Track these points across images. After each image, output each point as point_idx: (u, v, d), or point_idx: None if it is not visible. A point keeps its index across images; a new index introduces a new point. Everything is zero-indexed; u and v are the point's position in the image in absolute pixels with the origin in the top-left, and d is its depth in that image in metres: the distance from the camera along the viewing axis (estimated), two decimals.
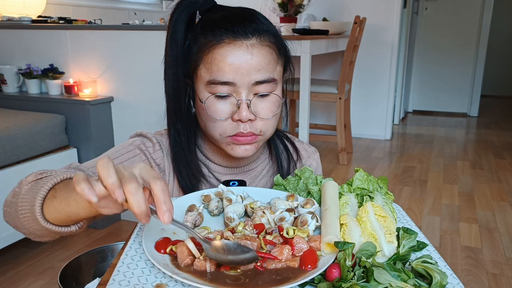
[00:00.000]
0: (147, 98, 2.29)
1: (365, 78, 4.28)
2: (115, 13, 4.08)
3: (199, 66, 0.81)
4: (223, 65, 0.78)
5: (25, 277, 1.95)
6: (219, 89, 0.79)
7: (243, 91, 0.79)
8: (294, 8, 3.27)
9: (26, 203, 0.69)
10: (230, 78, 0.78)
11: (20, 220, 0.71)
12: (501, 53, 6.65)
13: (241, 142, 0.83)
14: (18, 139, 2.01)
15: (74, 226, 0.70)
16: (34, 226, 0.69)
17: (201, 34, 0.82)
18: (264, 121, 0.83)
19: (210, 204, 0.78)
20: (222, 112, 0.81)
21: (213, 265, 0.60)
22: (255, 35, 0.79)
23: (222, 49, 0.78)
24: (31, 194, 0.69)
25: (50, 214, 0.68)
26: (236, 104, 0.80)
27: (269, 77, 0.81)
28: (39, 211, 0.67)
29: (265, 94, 0.82)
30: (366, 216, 0.69)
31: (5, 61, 2.53)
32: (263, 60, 0.80)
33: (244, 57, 0.78)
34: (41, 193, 0.68)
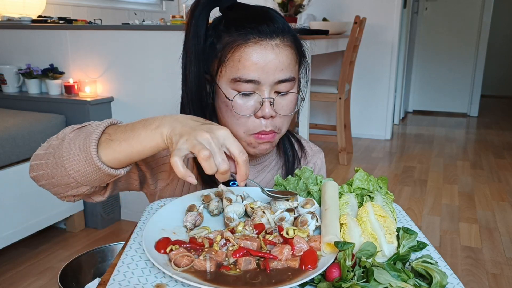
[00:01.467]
0: (147, 98, 2.30)
1: (365, 78, 4.28)
2: (115, 13, 4.08)
3: (224, 64, 0.83)
4: (249, 63, 0.80)
5: (25, 277, 1.95)
6: (244, 87, 0.82)
7: (266, 89, 0.82)
8: (294, 8, 3.27)
9: (75, 148, 0.71)
10: (255, 76, 0.81)
11: (60, 168, 0.71)
12: (501, 53, 6.65)
13: (263, 140, 0.86)
14: (18, 139, 2.01)
15: (123, 169, 0.74)
16: (84, 168, 0.70)
17: (225, 32, 0.84)
18: (283, 118, 0.87)
19: (210, 204, 0.78)
20: (246, 109, 0.83)
21: (213, 265, 0.60)
22: (279, 35, 0.82)
23: (249, 48, 0.81)
24: (80, 138, 0.71)
25: (106, 156, 0.70)
26: (260, 101, 0.83)
27: (290, 76, 0.84)
28: (95, 150, 0.69)
29: (285, 92, 0.85)
30: (366, 216, 0.69)
31: (5, 61, 2.53)
32: (286, 59, 0.83)
33: (269, 56, 0.81)
34: (95, 135, 0.70)
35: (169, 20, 2.77)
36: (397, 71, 4.31)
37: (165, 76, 2.21)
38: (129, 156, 0.71)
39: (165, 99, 2.18)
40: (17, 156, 2.02)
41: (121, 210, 2.53)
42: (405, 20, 4.67)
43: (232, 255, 0.62)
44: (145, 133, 0.68)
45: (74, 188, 0.74)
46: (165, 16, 4.21)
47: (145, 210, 0.82)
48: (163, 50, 2.20)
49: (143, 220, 0.78)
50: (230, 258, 0.62)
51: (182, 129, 0.66)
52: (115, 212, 2.49)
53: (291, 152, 1.03)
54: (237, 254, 0.62)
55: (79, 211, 2.36)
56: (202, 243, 0.65)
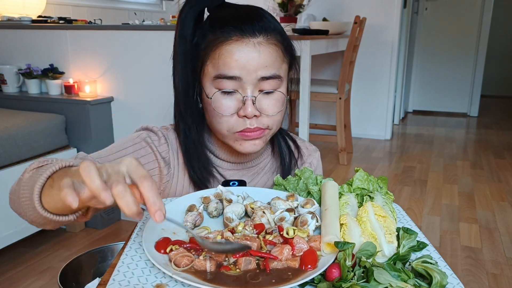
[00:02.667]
0: (147, 98, 2.30)
1: (365, 78, 4.28)
2: (115, 13, 4.08)
3: (207, 62, 0.83)
4: (229, 60, 0.80)
5: (25, 277, 1.95)
6: (225, 84, 0.81)
7: (248, 87, 0.81)
8: (294, 8, 3.27)
9: (27, 191, 0.70)
10: (237, 73, 0.80)
11: (23, 208, 0.71)
12: (501, 53, 6.65)
13: (249, 137, 0.85)
14: (18, 139, 2.01)
15: (71, 215, 0.69)
16: (34, 214, 0.69)
17: (209, 31, 0.83)
18: (270, 117, 0.85)
19: (209, 206, 0.78)
20: (228, 107, 0.82)
21: (213, 265, 0.60)
22: (262, 33, 0.81)
23: (230, 46, 0.80)
24: (31, 182, 0.69)
25: (47, 203, 0.67)
26: (242, 100, 0.82)
27: (274, 74, 0.82)
28: (38, 199, 0.67)
29: (270, 91, 0.83)
30: (366, 216, 0.69)
31: (5, 61, 2.53)
32: (269, 57, 0.81)
33: (251, 54, 0.80)
34: (40, 182, 0.67)
35: (169, 20, 2.77)
36: (397, 71, 4.30)
37: (165, 76, 2.20)
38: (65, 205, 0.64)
39: (165, 99, 2.18)
40: (17, 156, 2.01)
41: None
42: (405, 20, 4.67)
43: (232, 255, 0.62)
44: None
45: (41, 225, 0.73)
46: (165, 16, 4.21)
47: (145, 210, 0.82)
48: (163, 50, 2.20)
49: (143, 220, 0.78)
50: (230, 258, 0.62)
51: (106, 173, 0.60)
52: (115, 212, 2.49)
53: (287, 153, 1.02)
54: (237, 254, 0.62)
55: None
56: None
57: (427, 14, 5.56)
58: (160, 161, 0.89)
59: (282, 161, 1.01)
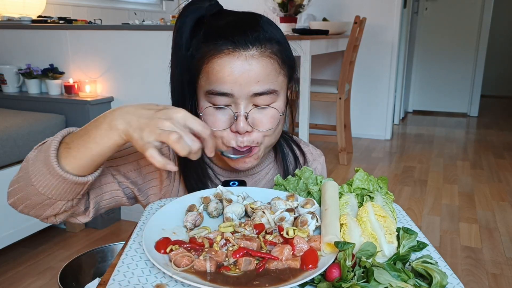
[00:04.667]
0: (147, 98, 2.29)
1: (365, 78, 4.28)
2: (115, 13, 4.08)
3: (200, 75, 0.81)
4: (221, 75, 0.76)
5: (25, 277, 1.95)
6: (218, 100, 0.78)
7: (241, 102, 0.78)
8: (294, 8, 3.27)
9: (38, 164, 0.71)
10: (228, 89, 0.77)
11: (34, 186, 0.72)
12: (501, 53, 6.65)
13: (239, 154, 0.82)
14: (18, 139, 2.01)
15: (90, 175, 0.74)
16: (50, 182, 0.71)
17: (203, 42, 0.80)
18: (262, 132, 0.81)
19: (209, 206, 0.78)
20: (220, 122, 0.80)
21: (213, 265, 0.60)
22: (255, 45, 0.77)
23: (221, 59, 0.77)
24: (41, 154, 0.72)
25: (69, 165, 0.71)
26: (234, 115, 0.79)
27: (268, 89, 0.78)
28: (55, 160, 0.70)
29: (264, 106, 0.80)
30: (366, 216, 0.69)
31: (5, 61, 2.53)
32: (263, 71, 0.77)
33: (242, 68, 0.76)
34: (53, 146, 0.71)
35: (169, 20, 2.77)
36: (397, 71, 4.30)
37: (165, 76, 2.20)
38: (91, 159, 0.71)
39: (165, 99, 2.18)
40: (17, 156, 2.01)
41: (121, 210, 2.53)
42: (405, 20, 4.67)
43: (232, 255, 0.62)
44: (100, 134, 0.69)
45: (50, 205, 0.74)
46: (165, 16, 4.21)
47: (145, 210, 0.82)
48: (163, 50, 2.19)
49: (143, 220, 0.78)
50: (230, 258, 0.62)
51: (139, 122, 0.66)
52: (115, 212, 2.49)
53: (292, 159, 0.99)
54: (237, 255, 0.62)
55: None
56: (202, 243, 0.65)
57: (427, 14, 5.56)
58: None
59: (285, 168, 0.98)
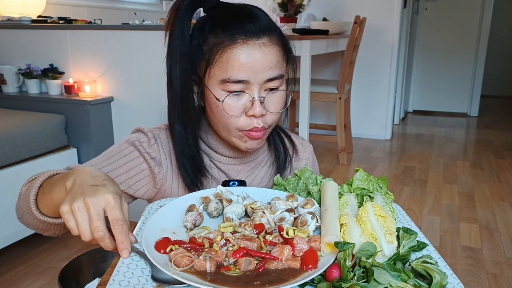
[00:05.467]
0: (147, 98, 2.29)
1: (365, 78, 4.28)
2: (115, 13, 4.08)
3: (212, 65, 0.83)
4: (237, 64, 0.81)
5: (25, 277, 1.95)
6: (233, 87, 0.82)
7: (255, 88, 0.83)
8: (294, 8, 3.27)
9: (24, 203, 0.81)
10: (245, 76, 0.81)
11: (27, 218, 0.82)
12: (501, 53, 6.65)
13: (254, 136, 0.87)
14: (18, 139, 2.01)
15: None
16: (35, 221, 0.80)
17: (211, 33, 0.84)
18: (273, 115, 0.88)
19: (209, 206, 0.78)
20: (237, 109, 0.84)
21: (213, 265, 0.60)
22: (265, 34, 0.83)
23: (236, 49, 0.81)
24: (27, 193, 0.81)
25: (42, 208, 0.78)
26: (250, 101, 0.84)
27: (279, 74, 0.85)
28: (34, 206, 0.78)
29: (274, 89, 0.86)
30: (366, 216, 0.69)
31: (5, 61, 2.53)
32: (274, 58, 0.83)
33: (257, 56, 0.81)
34: (33, 191, 0.78)
35: None
36: (397, 71, 4.30)
37: (165, 76, 2.21)
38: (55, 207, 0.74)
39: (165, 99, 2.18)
40: (17, 156, 2.01)
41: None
42: (405, 20, 4.66)
43: (232, 255, 0.62)
44: (59, 186, 0.72)
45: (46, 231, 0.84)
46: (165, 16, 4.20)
47: (145, 210, 0.82)
48: (163, 50, 2.19)
49: (143, 220, 0.78)
50: (230, 258, 0.62)
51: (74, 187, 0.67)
52: None
53: (282, 148, 1.04)
54: (237, 255, 0.62)
55: None
56: (202, 243, 0.65)
57: (427, 14, 5.56)
58: (150, 161, 0.91)
59: (277, 156, 1.03)
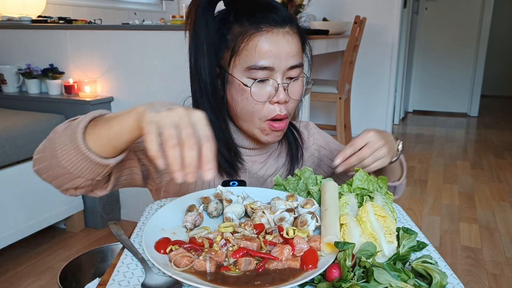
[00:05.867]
0: (147, 98, 2.29)
1: (365, 78, 4.28)
2: (115, 13, 4.08)
3: (238, 53, 0.86)
4: (263, 51, 0.84)
5: (25, 277, 1.95)
6: (259, 74, 0.85)
7: (279, 76, 0.86)
8: (294, 8, 3.27)
9: (65, 137, 0.73)
10: (270, 63, 0.84)
11: (58, 158, 0.73)
12: (501, 53, 6.65)
13: (276, 128, 0.89)
14: (18, 139, 2.01)
15: (113, 159, 0.74)
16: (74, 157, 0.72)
17: (235, 23, 0.87)
18: (294, 103, 0.91)
19: (209, 206, 0.78)
20: (262, 95, 0.87)
21: (213, 266, 0.60)
22: (288, 23, 0.86)
23: (262, 37, 0.84)
24: (71, 128, 0.74)
25: (91, 141, 0.72)
26: (275, 87, 0.86)
27: (300, 62, 0.89)
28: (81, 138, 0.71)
29: (296, 77, 0.89)
30: (366, 216, 0.69)
31: (5, 61, 2.53)
32: (296, 46, 0.87)
33: (281, 43, 0.85)
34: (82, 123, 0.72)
35: (169, 20, 2.77)
36: (397, 71, 4.30)
37: (165, 76, 2.21)
38: (110, 138, 0.71)
39: (165, 99, 2.18)
40: (17, 156, 2.01)
41: (121, 210, 2.53)
42: (405, 20, 4.66)
43: (232, 256, 0.62)
44: (123, 114, 0.70)
45: (70, 180, 0.75)
46: (165, 16, 4.20)
47: (145, 210, 0.82)
48: (163, 50, 2.20)
49: (143, 220, 0.78)
50: (230, 258, 0.62)
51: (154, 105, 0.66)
52: (115, 212, 2.49)
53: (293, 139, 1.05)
54: (237, 255, 0.62)
55: (79, 211, 2.36)
56: (202, 243, 0.65)
57: (427, 14, 5.55)
58: None
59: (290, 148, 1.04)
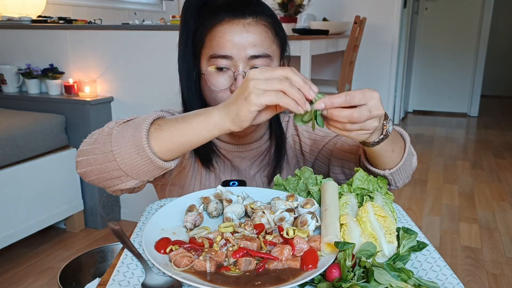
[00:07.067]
0: (147, 98, 2.29)
1: (365, 78, 4.27)
2: (115, 13, 4.08)
3: (204, 45, 0.90)
4: (222, 40, 0.87)
5: (25, 277, 1.95)
6: (219, 62, 0.88)
7: (240, 65, 0.87)
8: (294, 8, 3.27)
9: (125, 141, 0.71)
10: (228, 52, 0.87)
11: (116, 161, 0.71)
12: (501, 53, 6.64)
13: None
14: (18, 139, 2.01)
15: (173, 161, 0.74)
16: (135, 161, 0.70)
17: (206, 17, 0.91)
18: None
19: (209, 206, 0.78)
20: (221, 83, 0.88)
21: (213, 266, 0.60)
22: (252, 15, 0.88)
23: (222, 27, 0.87)
24: (130, 131, 0.71)
25: (157, 146, 0.70)
26: (233, 76, 0.88)
27: (263, 53, 0.88)
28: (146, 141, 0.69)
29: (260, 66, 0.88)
30: (366, 216, 0.69)
31: (5, 61, 2.53)
32: (258, 37, 0.88)
33: (240, 33, 0.87)
34: (145, 127, 0.70)
35: (169, 20, 2.77)
36: (397, 71, 4.30)
37: (165, 76, 2.21)
38: (181, 144, 0.71)
39: (165, 99, 2.18)
40: (17, 156, 2.01)
41: (121, 210, 2.53)
42: (405, 20, 4.66)
43: (232, 256, 0.62)
44: (197, 119, 0.70)
45: (124, 181, 0.74)
46: (165, 16, 4.20)
47: (145, 210, 0.82)
48: (163, 50, 2.20)
49: (143, 220, 0.78)
50: (230, 258, 0.62)
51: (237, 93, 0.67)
52: (115, 212, 2.49)
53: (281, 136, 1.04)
54: (237, 255, 0.62)
55: (79, 211, 2.36)
56: (202, 243, 0.65)
57: (427, 14, 5.55)
58: None
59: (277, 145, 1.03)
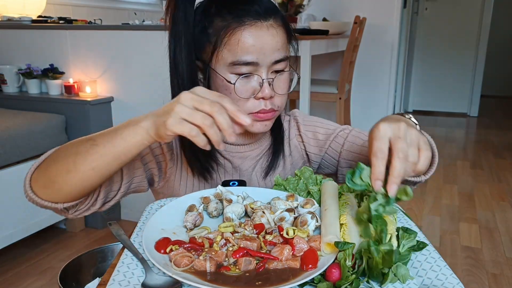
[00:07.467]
0: (147, 98, 2.29)
1: (365, 78, 4.27)
2: (115, 13, 4.08)
3: (220, 48, 0.83)
4: (247, 46, 0.81)
5: (25, 277, 1.95)
6: (242, 70, 0.83)
7: (263, 70, 0.83)
8: (294, 8, 3.27)
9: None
10: (254, 58, 0.82)
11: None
12: (501, 53, 6.64)
13: (262, 118, 0.87)
14: (18, 139, 2.01)
15: None
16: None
17: (217, 16, 0.84)
18: (281, 97, 0.88)
19: (209, 206, 0.78)
20: (246, 91, 0.84)
21: (213, 265, 0.60)
22: (272, 16, 0.83)
23: (245, 31, 0.81)
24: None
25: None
26: (260, 83, 0.83)
27: (285, 56, 0.86)
28: None
29: (281, 71, 0.86)
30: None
31: (5, 61, 2.53)
32: (281, 40, 0.84)
33: (265, 38, 0.82)
34: None
35: None
36: (397, 71, 4.30)
37: (165, 76, 2.20)
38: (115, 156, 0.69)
39: (165, 99, 2.17)
40: (17, 156, 2.01)
41: (121, 210, 2.53)
42: (405, 20, 4.66)
43: (232, 255, 0.62)
44: (127, 131, 0.67)
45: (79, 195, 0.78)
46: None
47: (145, 210, 0.82)
48: (163, 50, 2.19)
49: (143, 220, 0.78)
50: (230, 258, 0.62)
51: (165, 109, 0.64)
52: (115, 212, 2.49)
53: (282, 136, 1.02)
54: (237, 255, 0.62)
55: None
56: (202, 243, 0.65)
57: (427, 14, 5.55)
58: (164, 146, 0.92)
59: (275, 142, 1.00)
